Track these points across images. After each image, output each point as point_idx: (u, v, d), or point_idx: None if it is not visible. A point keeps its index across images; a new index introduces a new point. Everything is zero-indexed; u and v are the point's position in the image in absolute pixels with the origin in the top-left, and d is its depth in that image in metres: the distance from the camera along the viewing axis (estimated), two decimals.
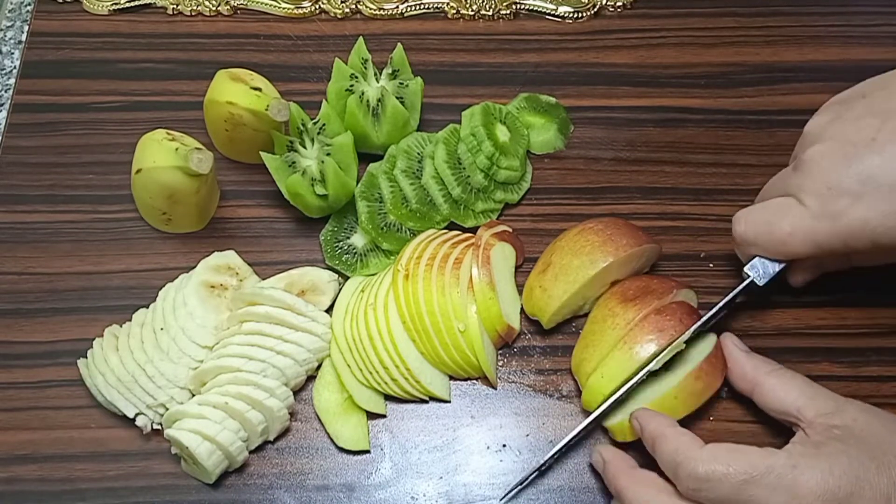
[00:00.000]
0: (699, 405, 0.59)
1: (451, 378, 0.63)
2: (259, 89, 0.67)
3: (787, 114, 0.74)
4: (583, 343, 0.62)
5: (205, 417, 0.58)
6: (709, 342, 0.61)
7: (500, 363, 0.64)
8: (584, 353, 0.62)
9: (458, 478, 0.61)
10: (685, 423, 0.58)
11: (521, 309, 0.65)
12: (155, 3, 0.79)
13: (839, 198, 0.55)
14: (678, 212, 0.70)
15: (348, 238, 0.68)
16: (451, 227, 0.68)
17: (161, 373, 0.61)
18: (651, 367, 0.58)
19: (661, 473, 0.55)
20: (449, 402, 0.63)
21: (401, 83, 0.70)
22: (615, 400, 0.59)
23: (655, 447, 0.55)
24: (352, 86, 0.69)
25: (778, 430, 0.59)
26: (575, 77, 0.76)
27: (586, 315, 0.65)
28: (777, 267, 0.61)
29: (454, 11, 0.79)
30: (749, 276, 0.61)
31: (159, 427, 0.61)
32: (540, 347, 0.65)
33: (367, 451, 0.61)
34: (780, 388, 0.57)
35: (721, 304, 0.62)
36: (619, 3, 0.79)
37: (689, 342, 0.60)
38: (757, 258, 0.61)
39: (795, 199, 0.58)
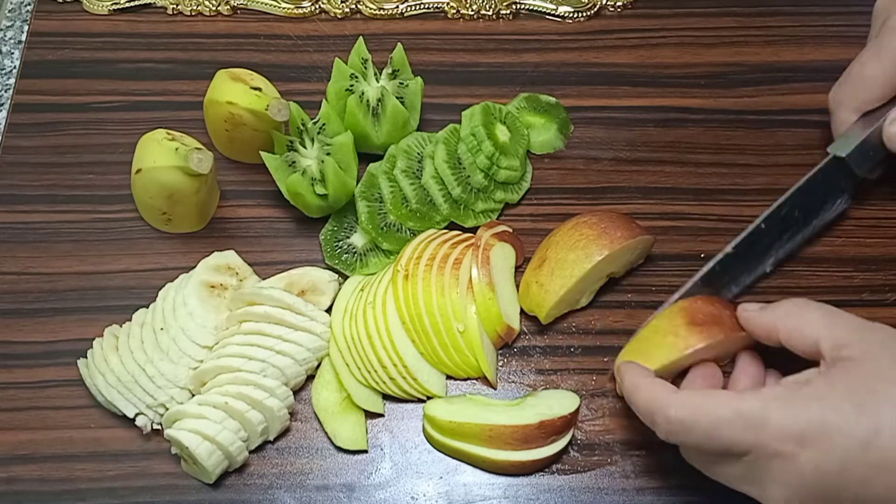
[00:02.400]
0: (690, 357, 0.58)
1: (452, 378, 0.63)
2: (259, 89, 0.67)
3: (787, 114, 0.74)
4: (636, 348, 0.60)
5: (205, 417, 0.58)
6: None
7: (500, 363, 0.64)
8: (632, 356, 0.59)
9: (458, 478, 0.61)
10: None
11: (521, 309, 0.65)
12: (155, 3, 0.79)
13: None
14: (678, 212, 0.70)
15: (348, 238, 0.68)
16: (451, 227, 0.68)
17: (161, 373, 0.61)
18: None
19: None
20: None
21: (401, 83, 0.70)
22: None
23: (632, 398, 0.55)
24: (352, 86, 0.69)
25: None
26: (575, 77, 0.76)
27: (583, 310, 0.65)
28: (870, 126, 0.64)
29: (454, 11, 0.79)
30: (830, 153, 0.64)
31: (159, 427, 0.61)
32: (540, 347, 0.65)
33: (365, 451, 0.61)
34: (798, 325, 0.54)
35: (799, 184, 0.64)
36: (619, 3, 0.79)
37: None
38: (853, 123, 0.65)
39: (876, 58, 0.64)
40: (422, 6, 0.79)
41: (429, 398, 0.62)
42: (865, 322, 0.53)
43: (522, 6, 0.79)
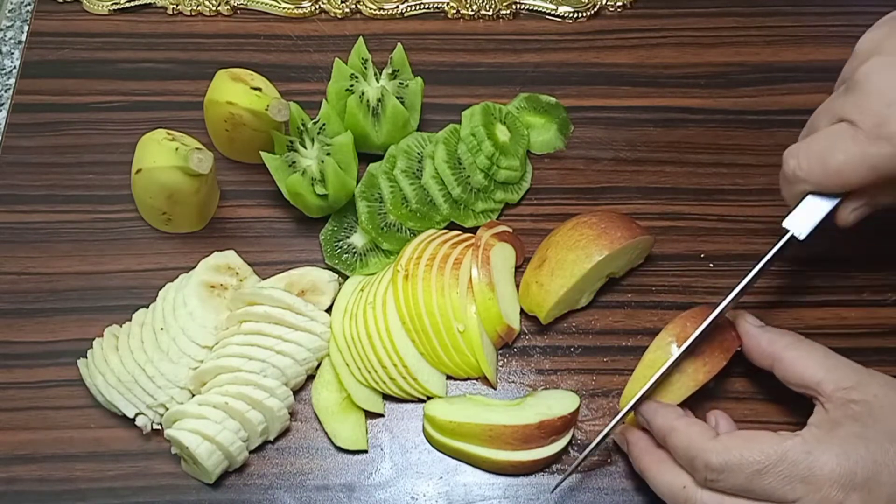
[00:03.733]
0: (699, 388, 0.59)
1: (452, 378, 0.63)
2: (259, 89, 0.67)
3: (787, 114, 0.74)
4: (653, 393, 0.59)
5: (205, 417, 0.58)
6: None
7: (500, 363, 0.64)
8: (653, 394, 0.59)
9: (458, 478, 0.61)
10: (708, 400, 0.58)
11: (521, 309, 0.65)
12: (155, 3, 0.79)
13: None
14: (678, 212, 0.70)
15: (348, 238, 0.68)
16: (451, 227, 0.68)
17: (161, 373, 0.61)
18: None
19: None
20: None
21: (401, 83, 0.70)
22: (642, 395, 0.58)
23: (668, 440, 0.55)
24: (352, 86, 0.69)
25: (798, 406, 0.57)
26: (575, 77, 0.76)
27: (583, 310, 0.66)
28: (826, 208, 0.56)
29: (454, 11, 0.79)
30: (789, 231, 0.57)
31: (159, 427, 0.61)
32: (540, 347, 0.65)
33: (365, 451, 0.61)
34: (798, 361, 0.55)
35: (760, 266, 0.58)
36: (619, 3, 0.79)
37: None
38: (808, 197, 0.57)
39: (848, 123, 0.53)
40: (422, 6, 0.79)
41: (429, 398, 0.62)
42: (862, 367, 0.54)
43: (522, 6, 0.79)
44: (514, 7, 0.79)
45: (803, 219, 0.57)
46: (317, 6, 0.79)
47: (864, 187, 0.55)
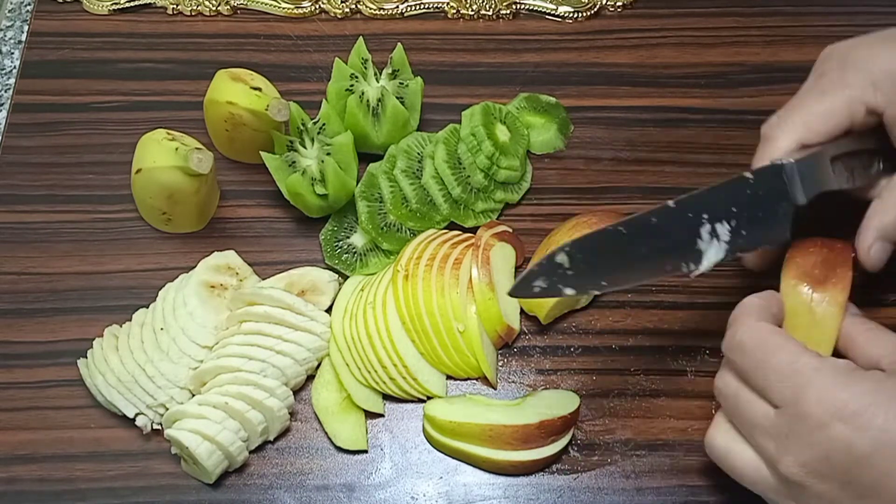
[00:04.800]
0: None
1: (452, 378, 0.63)
2: (259, 89, 0.67)
3: None
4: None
5: (205, 417, 0.58)
6: None
7: (500, 363, 0.64)
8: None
9: (458, 478, 0.61)
10: None
11: (521, 309, 0.65)
12: (155, 3, 0.79)
13: None
14: None
15: (348, 238, 0.68)
16: (451, 227, 0.68)
17: (161, 373, 0.61)
18: None
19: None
20: None
21: (401, 83, 0.70)
22: None
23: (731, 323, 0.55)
24: (352, 86, 0.69)
25: None
26: (575, 77, 0.76)
27: (583, 310, 0.65)
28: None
29: (454, 11, 0.79)
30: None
31: (159, 427, 0.61)
32: (540, 347, 0.65)
33: (365, 451, 0.61)
34: (868, 342, 0.54)
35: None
36: (619, 3, 0.79)
37: None
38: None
39: None
40: (422, 6, 0.79)
41: (429, 398, 0.62)
42: None
43: (522, 6, 0.79)
44: (514, 7, 0.79)
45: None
46: (317, 6, 0.79)
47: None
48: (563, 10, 0.79)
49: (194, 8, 0.79)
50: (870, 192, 0.61)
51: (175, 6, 0.79)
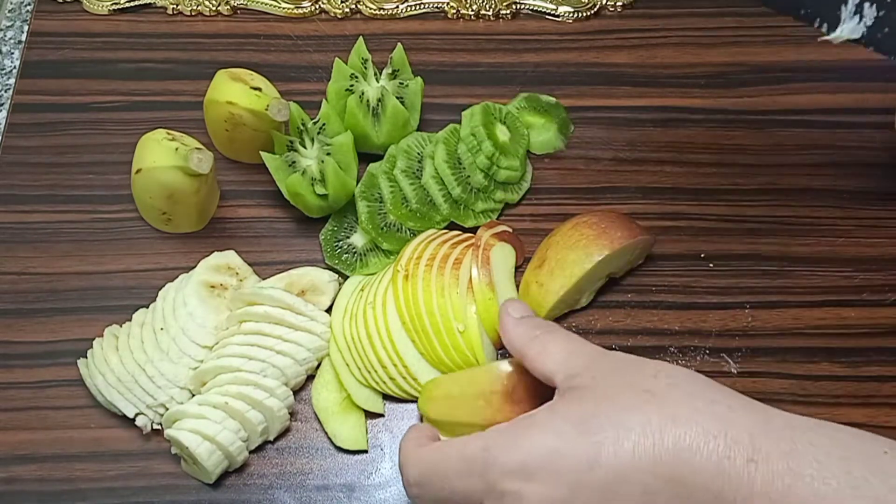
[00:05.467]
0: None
1: None
2: (259, 89, 0.67)
3: (787, 114, 0.74)
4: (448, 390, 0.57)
5: (205, 417, 0.58)
6: None
7: None
8: (442, 403, 0.56)
9: None
10: None
11: None
12: (155, 3, 0.79)
13: None
14: (678, 212, 0.70)
15: (348, 238, 0.68)
16: (451, 227, 0.68)
17: (161, 373, 0.61)
18: None
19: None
20: None
21: (401, 83, 0.70)
22: None
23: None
24: (352, 86, 0.69)
25: None
26: (575, 77, 0.76)
27: (583, 310, 0.66)
28: None
29: (454, 11, 0.79)
30: None
31: (159, 427, 0.61)
32: None
33: (365, 451, 0.61)
34: (539, 355, 0.50)
35: None
36: (619, 3, 0.79)
37: None
38: None
39: None
40: (422, 6, 0.79)
41: None
42: (603, 351, 0.50)
43: (522, 6, 0.79)
44: (514, 7, 0.79)
45: None
46: (317, 6, 0.79)
47: None
48: (563, 10, 0.79)
49: (194, 8, 0.79)
50: None
51: (175, 6, 0.79)
